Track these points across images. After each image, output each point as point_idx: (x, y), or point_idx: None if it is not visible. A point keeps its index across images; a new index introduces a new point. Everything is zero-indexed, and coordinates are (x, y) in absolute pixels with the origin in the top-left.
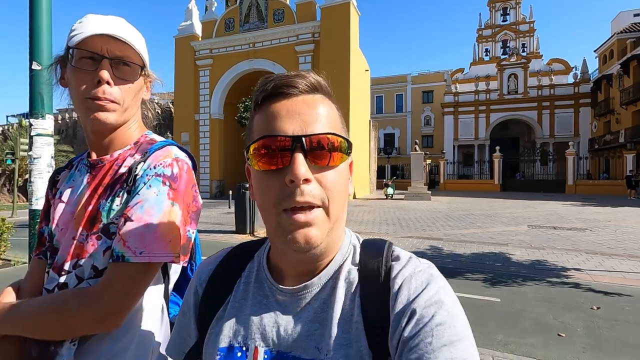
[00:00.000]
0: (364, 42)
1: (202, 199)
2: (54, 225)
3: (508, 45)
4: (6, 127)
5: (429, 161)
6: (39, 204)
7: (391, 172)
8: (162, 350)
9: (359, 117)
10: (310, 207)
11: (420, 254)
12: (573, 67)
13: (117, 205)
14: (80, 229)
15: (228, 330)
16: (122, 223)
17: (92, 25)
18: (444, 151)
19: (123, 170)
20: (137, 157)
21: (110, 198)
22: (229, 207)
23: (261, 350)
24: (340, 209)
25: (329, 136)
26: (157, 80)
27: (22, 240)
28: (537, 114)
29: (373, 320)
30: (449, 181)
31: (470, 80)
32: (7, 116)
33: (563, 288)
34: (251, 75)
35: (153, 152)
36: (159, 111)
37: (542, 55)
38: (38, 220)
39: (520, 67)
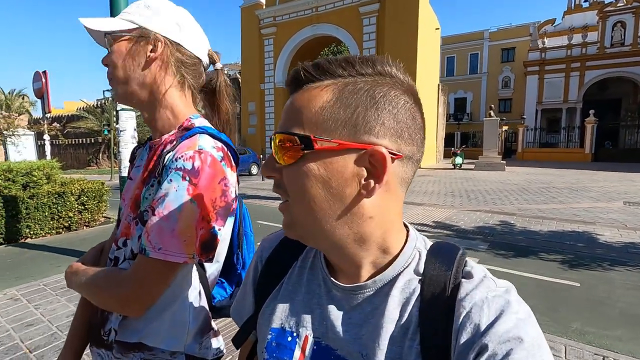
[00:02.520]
0: None
1: None
2: (122, 200)
3: None
4: (102, 101)
5: (505, 128)
6: (126, 171)
7: (461, 139)
8: (199, 332)
9: (427, 81)
10: (286, 199)
11: (488, 229)
12: None
13: (150, 195)
14: (129, 210)
15: (281, 312)
16: (149, 214)
17: None
18: (524, 116)
19: (159, 159)
20: (174, 144)
21: (147, 185)
22: None
23: (311, 340)
24: (300, 211)
25: (277, 134)
26: (160, 34)
27: (118, 201)
28: None
29: (431, 342)
30: (528, 150)
31: (563, 32)
32: (104, 91)
33: None
34: (314, 42)
35: (182, 142)
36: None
37: None
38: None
39: (631, 12)
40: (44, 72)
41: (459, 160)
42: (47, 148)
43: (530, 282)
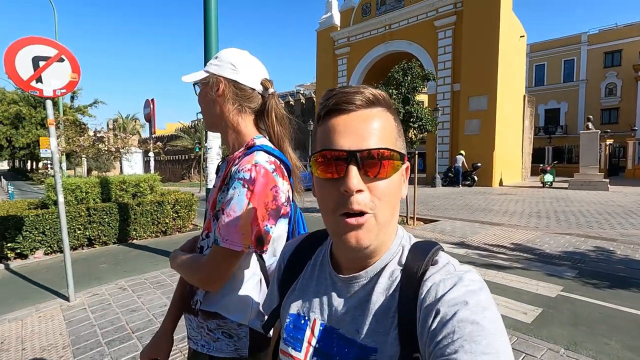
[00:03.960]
0: (519, 2)
1: None
2: (207, 203)
3: None
4: (196, 122)
5: (610, 141)
6: (211, 184)
7: (553, 155)
8: (260, 311)
9: (511, 93)
10: (362, 213)
11: (578, 255)
12: None
13: (222, 198)
14: (210, 209)
15: (297, 301)
16: (221, 213)
17: None
18: (635, 128)
19: (231, 170)
20: (239, 159)
21: (221, 192)
22: None
23: (318, 322)
24: (389, 215)
25: (382, 151)
26: (221, 77)
27: (205, 210)
28: None
29: (405, 318)
30: None
31: None
32: (197, 113)
33: None
34: (386, 59)
35: (244, 158)
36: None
37: None
38: None
39: None
40: (152, 99)
41: (548, 177)
42: (152, 164)
43: (627, 317)
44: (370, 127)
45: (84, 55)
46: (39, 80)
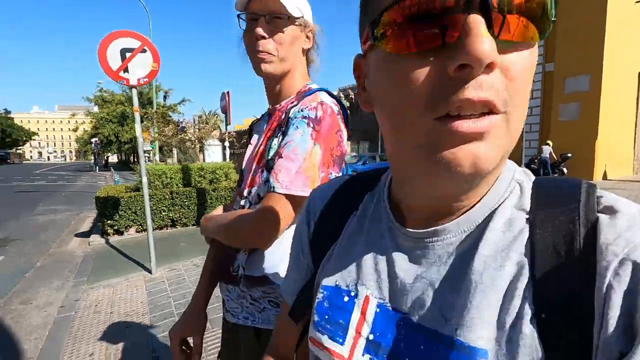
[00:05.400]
0: None
1: None
2: (243, 163)
3: None
4: None
5: None
6: None
7: None
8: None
9: (621, 70)
10: (484, 110)
11: None
12: None
13: (276, 145)
14: (254, 164)
15: (335, 268)
16: (276, 159)
17: None
18: None
19: (284, 115)
20: (295, 103)
21: (273, 139)
22: None
23: (373, 301)
24: (524, 117)
25: None
26: (318, 31)
27: None
28: None
29: (556, 303)
30: None
31: None
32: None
33: None
34: None
35: (304, 98)
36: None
37: None
38: None
39: None
40: (227, 92)
41: None
42: (227, 153)
43: None
44: None
45: (172, 61)
46: (126, 70)
